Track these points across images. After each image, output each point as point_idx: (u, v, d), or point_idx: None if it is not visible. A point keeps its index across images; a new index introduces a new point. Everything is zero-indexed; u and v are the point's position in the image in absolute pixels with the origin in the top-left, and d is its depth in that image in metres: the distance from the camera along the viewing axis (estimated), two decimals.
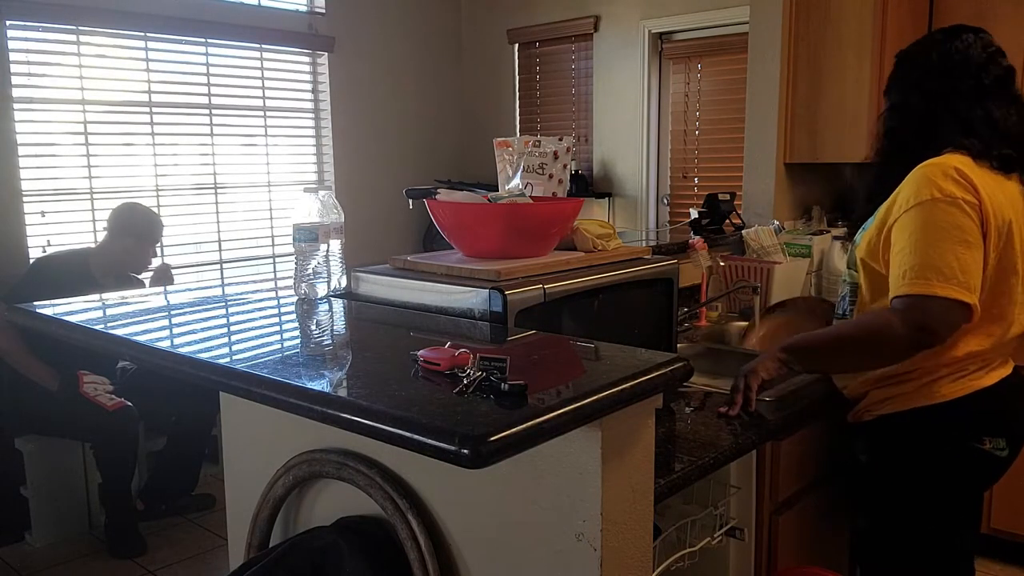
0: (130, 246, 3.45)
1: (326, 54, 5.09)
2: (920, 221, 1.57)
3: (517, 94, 5.68)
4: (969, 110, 1.68)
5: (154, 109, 4.41)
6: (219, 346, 1.32)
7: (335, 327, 1.48)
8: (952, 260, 1.53)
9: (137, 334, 1.38)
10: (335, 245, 1.65)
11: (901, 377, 1.71)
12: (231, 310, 1.64)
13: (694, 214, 3.29)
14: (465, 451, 0.86)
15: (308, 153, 5.19)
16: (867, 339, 1.64)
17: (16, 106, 3.86)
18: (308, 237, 1.61)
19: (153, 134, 4.42)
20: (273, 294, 1.77)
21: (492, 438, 0.87)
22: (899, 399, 1.72)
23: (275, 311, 1.62)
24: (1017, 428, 1.74)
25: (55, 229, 4.06)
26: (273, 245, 5.03)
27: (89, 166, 4.17)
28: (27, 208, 3.92)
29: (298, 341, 1.38)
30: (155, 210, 3.65)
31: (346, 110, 5.22)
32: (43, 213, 4.02)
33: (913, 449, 1.73)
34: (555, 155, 1.86)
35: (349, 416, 0.99)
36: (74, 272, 3.36)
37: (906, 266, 1.56)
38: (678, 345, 1.97)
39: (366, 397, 1.02)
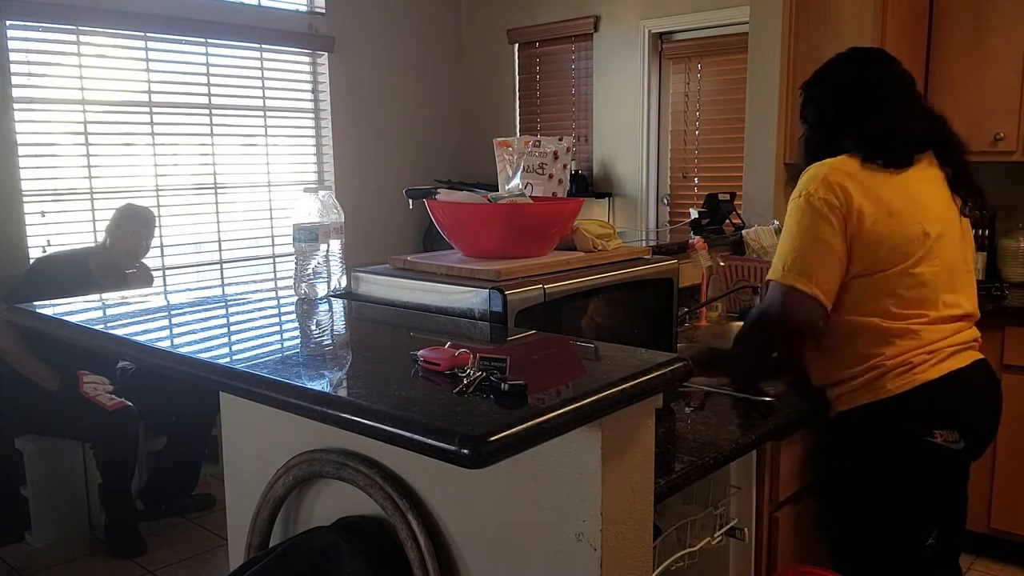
0: (128, 235, 3.49)
1: (326, 54, 5.09)
2: (795, 216, 1.78)
3: (517, 94, 5.68)
4: (871, 124, 1.82)
5: (154, 109, 4.41)
6: (219, 346, 1.32)
7: (335, 327, 1.48)
8: (812, 260, 1.73)
9: (137, 334, 1.38)
10: (335, 245, 1.65)
11: (851, 374, 1.77)
12: (231, 310, 1.64)
13: (694, 214, 3.29)
14: (465, 451, 0.86)
15: (308, 153, 5.19)
16: (758, 324, 1.86)
17: (16, 106, 3.86)
18: (308, 237, 1.61)
19: (153, 134, 4.42)
20: (273, 294, 1.77)
21: (492, 438, 0.87)
22: (848, 396, 1.79)
23: (275, 311, 1.62)
24: (972, 419, 1.77)
25: (55, 229, 4.06)
26: (273, 245, 5.03)
27: (89, 166, 4.17)
28: (27, 208, 3.92)
29: (298, 341, 1.38)
30: (153, 210, 3.67)
31: (346, 110, 5.22)
32: (43, 213, 4.02)
33: (866, 446, 1.78)
34: (555, 155, 1.86)
35: (349, 416, 0.99)
36: (74, 272, 3.36)
37: (783, 255, 1.78)
38: (678, 345, 1.97)
39: (366, 397, 1.02)
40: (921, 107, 1.89)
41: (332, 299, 1.66)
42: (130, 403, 3.33)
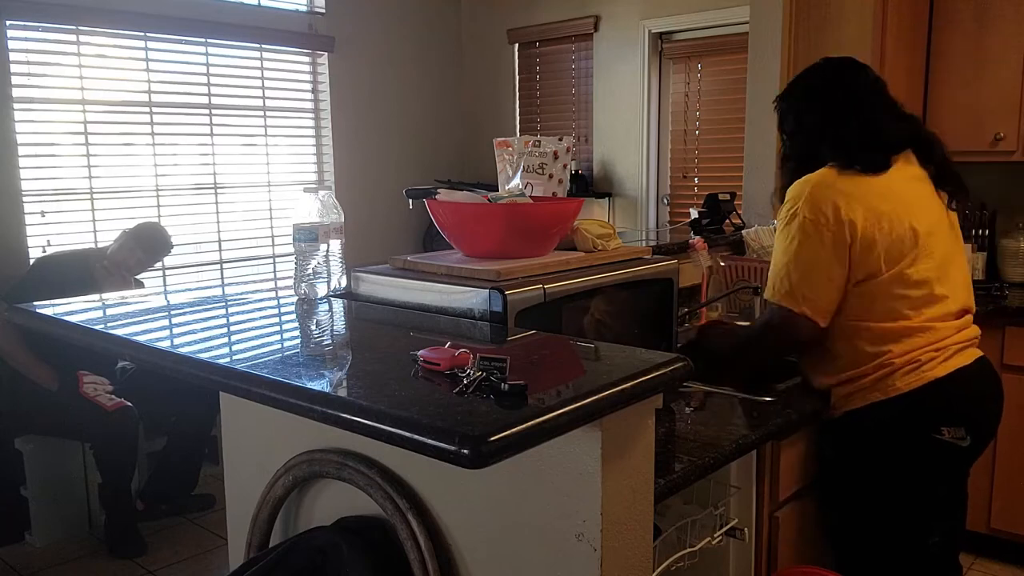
0: (139, 257, 3.50)
1: (326, 54, 5.09)
2: (785, 238, 1.81)
3: (517, 94, 5.67)
4: (847, 131, 1.85)
5: (154, 109, 4.41)
6: (219, 346, 1.32)
7: (335, 327, 1.48)
8: (806, 282, 1.77)
9: (137, 334, 1.38)
10: (335, 245, 1.65)
11: (859, 373, 1.78)
12: (231, 310, 1.64)
13: (694, 214, 3.29)
14: (465, 451, 0.86)
15: (308, 153, 5.19)
16: (755, 340, 1.94)
17: (16, 106, 3.86)
18: (308, 237, 1.61)
19: (153, 134, 4.41)
20: (273, 294, 1.77)
21: (492, 438, 0.87)
22: (858, 395, 1.80)
23: (275, 311, 1.62)
24: (977, 417, 1.79)
25: (55, 229, 4.05)
26: (273, 245, 5.03)
27: (89, 166, 4.17)
28: (27, 208, 3.92)
29: (298, 341, 1.38)
30: (167, 230, 3.68)
31: (346, 110, 5.22)
32: (43, 213, 4.02)
33: (874, 443, 1.79)
34: (555, 155, 1.86)
35: (349, 416, 0.99)
36: (75, 272, 3.36)
37: (776, 277, 1.82)
38: (678, 345, 1.97)
39: (366, 397, 1.02)
40: (894, 109, 1.91)
41: (332, 299, 1.66)
42: (130, 403, 3.33)
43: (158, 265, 3.79)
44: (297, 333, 1.44)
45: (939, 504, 1.85)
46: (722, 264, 2.93)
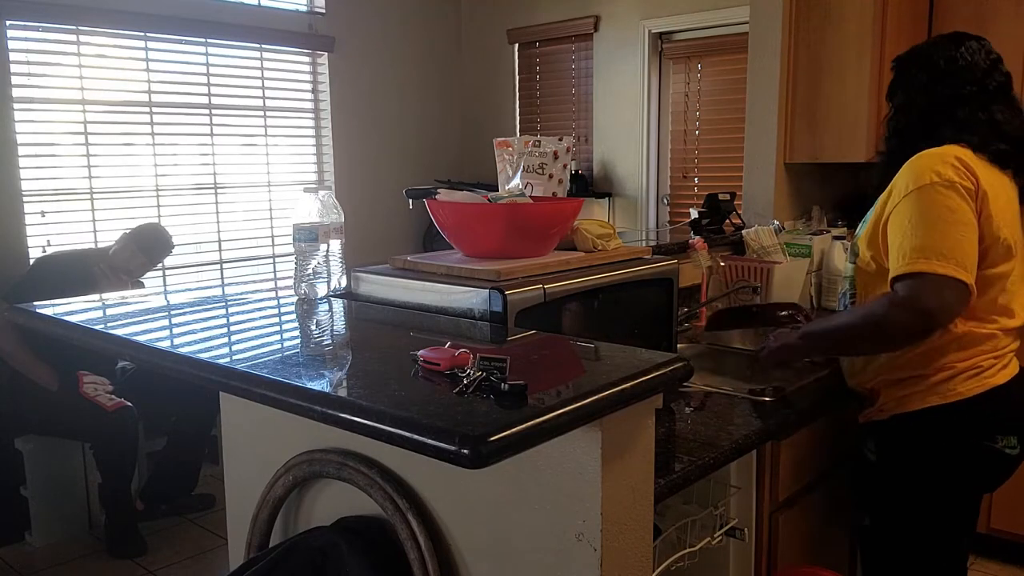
0: (141, 259, 3.50)
1: (326, 54, 5.09)
2: (918, 205, 1.60)
3: (517, 94, 5.67)
4: (971, 114, 1.73)
5: (154, 109, 4.41)
6: (219, 346, 1.32)
7: (335, 327, 1.48)
8: (950, 241, 1.55)
9: (137, 334, 1.38)
10: (335, 245, 1.65)
11: (916, 376, 1.71)
12: (231, 310, 1.64)
13: (694, 214, 3.29)
14: (465, 451, 0.86)
15: (308, 153, 5.19)
16: (871, 327, 1.65)
17: (16, 106, 3.86)
18: (308, 237, 1.61)
19: (153, 134, 4.41)
20: (273, 294, 1.77)
21: (492, 438, 0.87)
22: (914, 397, 1.72)
23: (275, 311, 1.62)
24: None
25: (55, 229, 4.05)
26: (273, 245, 5.03)
27: (89, 166, 4.17)
28: (27, 208, 3.92)
29: (298, 341, 1.38)
30: (168, 231, 3.68)
31: (346, 110, 5.22)
32: (43, 213, 4.02)
33: (926, 448, 1.73)
34: (555, 155, 1.86)
35: (349, 416, 0.99)
36: (75, 272, 3.36)
37: (906, 248, 1.58)
38: (678, 345, 1.97)
39: (366, 397, 1.02)
40: (1012, 99, 1.79)
41: (332, 299, 1.66)
42: (130, 403, 3.33)
43: (158, 265, 3.79)
44: (297, 333, 1.44)
45: (975, 511, 1.82)
46: (722, 264, 2.93)
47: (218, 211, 4.73)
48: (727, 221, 3.30)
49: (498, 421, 0.91)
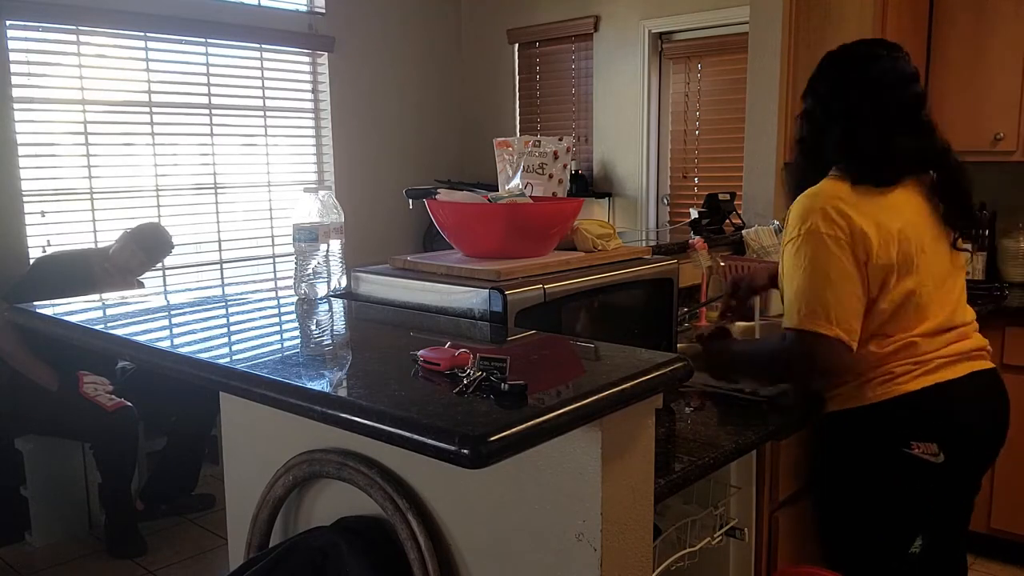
0: (141, 258, 3.50)
1: (326, 54, 5.09)
2: (806, 251, 1.66)
3: (517, 94, 5.67)
4: (864, 138, 1.71)
5: (154, 109, 4.41)
6: (219, 346, 1.32)
7: (335, 327, 1.48)
8: (834, 299, 1.63)
9: (137, 334, 1.38)
10: (335, 245, 1.65)
11: (840, 379, 1.76)
12: (231, 310, 1.64)
13: (694, 214, 3.29)
14: (465, 451, 0.86)
15: (308, 153, 5.19)
16: (780, 364, 1.76)
17: (16, 106, 3.86)
18: (308, 237, 1.61)
19: (153, 134, 4.41)
20: (273, 294, 1.77)
21: (492, 438, 0.87)
22: (837, 399, 1.78)
23: (275, 311, 1.62)
24: (953, 434, 1.71)
25: (55, 229, 4.05)
26: (273, 245, 5.03)
27: (89, 166, 4.17)
28: (27, 208, 3.92)
29: (298, 341, 1.38)
30: (168, 231, 3.69)
31: (346, 110, 5.22)
32: (43, 213, 4.02)
33: (848, 449, 1.78)
34: (555, 155, 1.86)
35: (349, 416, 0.99)
36: (75, 272, 3.36)
37: (800, 302, 1.66)
38: (678, 345, 1.97)
39: (366, 397, 1.02)
40: (919, 120, 1.75)
41: (332, 299, 1.66)
42: (130, 403, 3.33)
43: (158, 265, 3.79)
44: (297, 333, 1.44)
45: (917, 516, 1.81)
46: (722, 264, 2.93)
47: (218, 211, 4.73)
48: (727, 221, 3.30)
49: (498, 421, 0.91)
